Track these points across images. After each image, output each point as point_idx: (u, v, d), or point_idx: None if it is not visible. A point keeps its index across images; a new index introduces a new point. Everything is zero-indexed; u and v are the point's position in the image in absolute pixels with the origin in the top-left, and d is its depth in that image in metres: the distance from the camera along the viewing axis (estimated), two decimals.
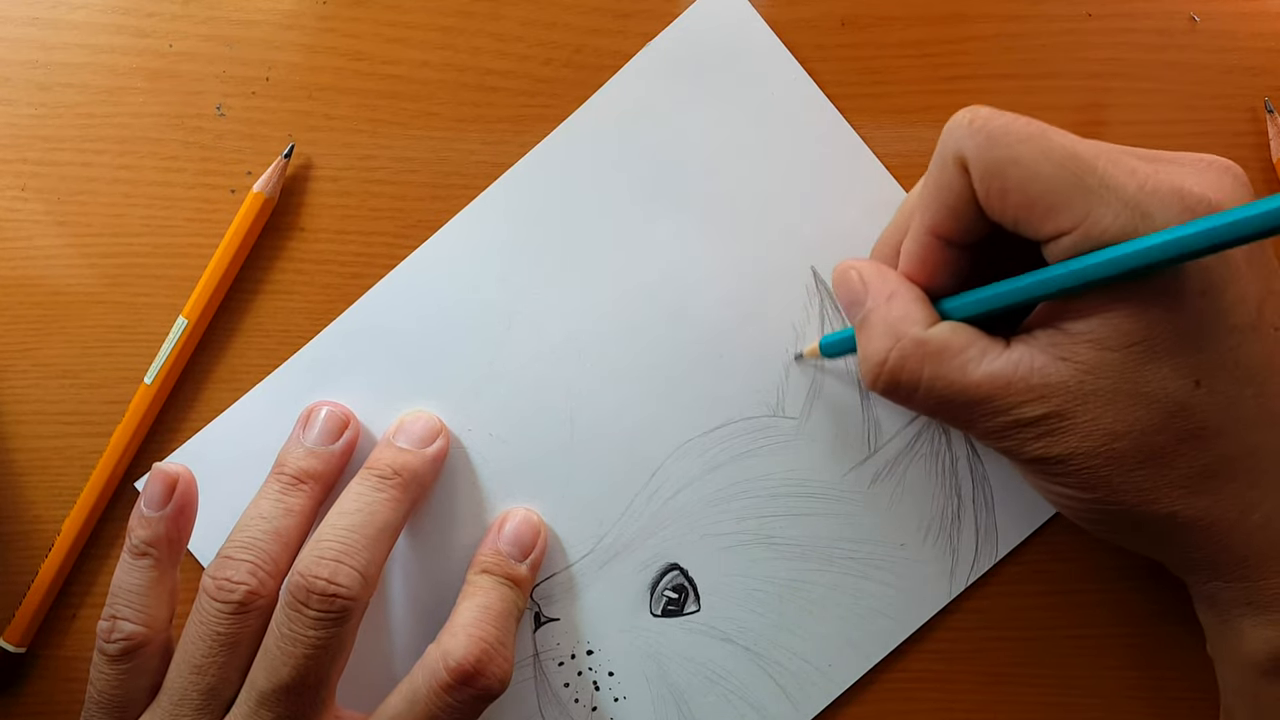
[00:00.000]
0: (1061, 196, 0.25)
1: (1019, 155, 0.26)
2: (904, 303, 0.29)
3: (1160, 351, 0.26)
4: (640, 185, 0.35)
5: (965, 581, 0.35)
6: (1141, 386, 0.26)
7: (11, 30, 0.36)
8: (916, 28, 0.35)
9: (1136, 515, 0.28)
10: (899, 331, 0.28)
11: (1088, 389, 0.26)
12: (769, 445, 0.35)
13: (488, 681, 0.30)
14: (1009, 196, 0.26)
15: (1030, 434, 0.27)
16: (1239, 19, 0.35)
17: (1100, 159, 0.25)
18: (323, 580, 0.29)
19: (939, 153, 0.28)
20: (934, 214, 0.28)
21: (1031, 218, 0.26)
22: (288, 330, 0.36)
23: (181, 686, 0.30)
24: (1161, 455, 0.27)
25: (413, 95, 0.36)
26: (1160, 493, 0.27)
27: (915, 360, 0.28)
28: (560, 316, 0.35)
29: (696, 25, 0.35)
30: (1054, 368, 0.26)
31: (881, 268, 0.30)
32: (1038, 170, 0.25)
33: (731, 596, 0.35)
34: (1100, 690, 0.35)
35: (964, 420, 0.28)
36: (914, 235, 0.29)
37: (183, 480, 0.32)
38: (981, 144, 0.26)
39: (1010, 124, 0.26)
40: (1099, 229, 0.25)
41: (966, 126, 0.26)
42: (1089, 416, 0.26)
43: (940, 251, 0.29)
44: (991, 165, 0.26)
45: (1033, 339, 0.27)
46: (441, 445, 0.34)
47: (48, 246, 0.36)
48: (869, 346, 0.29)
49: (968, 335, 0.28)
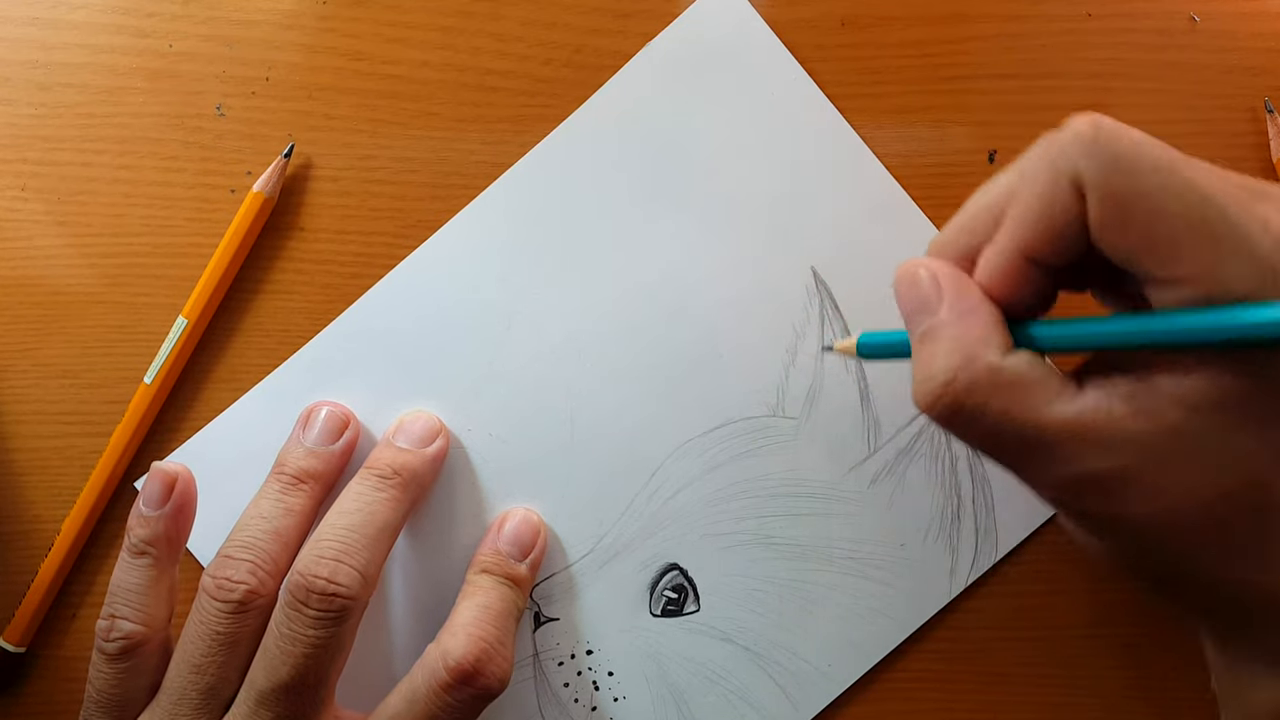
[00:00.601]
0: (1188, 241, 0.22)
1: (1148, 188, 0.23)
2: (983, 322, 0.25)
3: (1252, 423, 0.23)
4: (640, 185, 0.35)
5: (965, 581, 0.35)
6: (1225, 457, 0.24)
7: (11, 30, 0.36)
8: (916, 28, 0.35)
9: (1184, 580, 0.26)
10: (972, 353, 0.25)
11: (1164, 449, 0.24)
12: (769, 445, 0.35)
13: (487, 681, 0.30)
14: (1130, 232, 0.23)
15: (1091, 489, 0.25)
16: (1239, 19, 0.35)
17: (1233, 203, 0.23)
18: (322, 580, 0.29)
19: (1046, 165, 0.24)
20: (1034, 234, 0.25)
21: (1149, 258, 0.23)
22: (288, 330, 0.36)
23: (180, 685, 0.30)
24: (1226, 524, 0.24)
25: (413, 95, 0.36)
26: (1214, 559, 0.25)
27: (985, 389, 0.24)
28: (560, 316, 0.35)
29: (696, 25, 0.35)
30: (1132, 422, 0.24)
31: (961, 276, 0.26)
32: (1166, 208, 0.23)
33: (731, 596, 0.35)
34: (1100, 690, 0.35)
35: (1021, 464, 0.26)
36: (1002, 251, 0.25)
37: (181, 479, 0.32)
38: (1106, 167, 0.23)
39: (1140, 148, 0.23)
40: (1223, 285, 0.22)
41: (1090, 143, 0.23)
42: (1159, 479, 0.24)
43: (1028, 272, 0.25)
44: (1116, 195, 0.23)
45: (1111, 385, 0.24)
46: (441, 445, 0.34)
47: (48, 246, 0.36)
48: (934, 363, 0.25)
49: (1044, 372, 0.25)
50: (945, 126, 0.35)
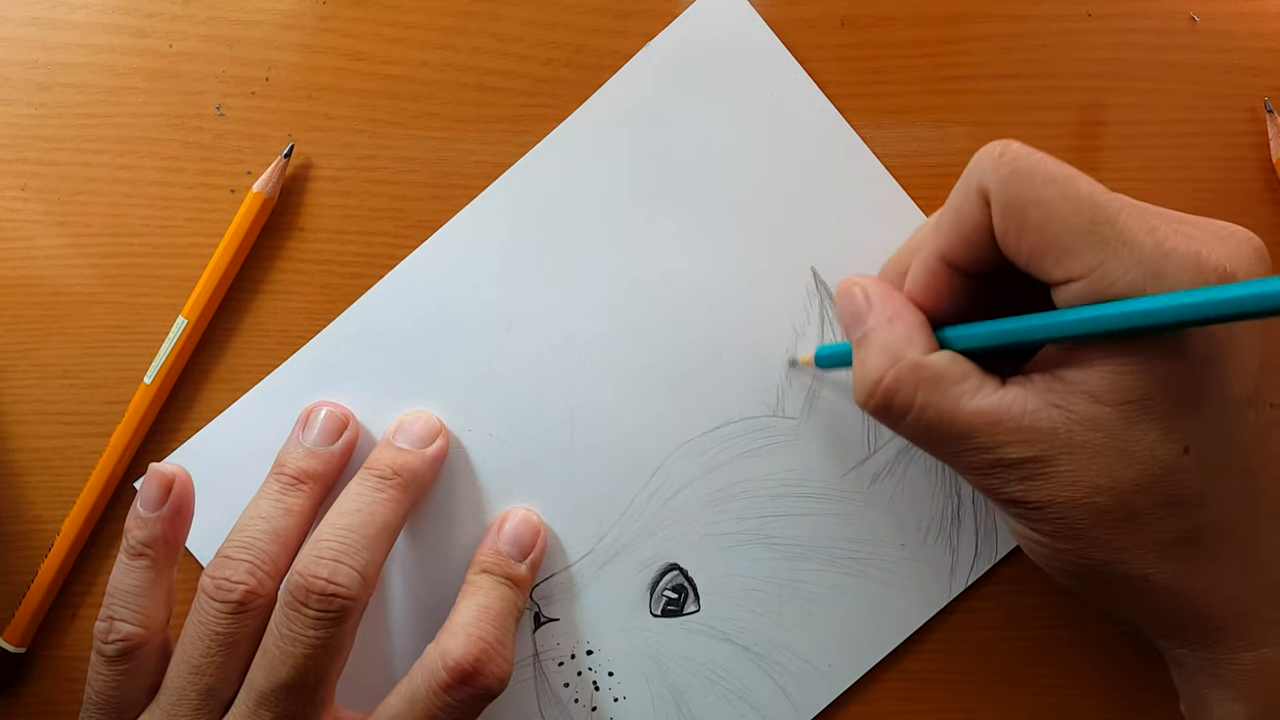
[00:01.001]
0: (1077, 243, 0.25)
1: (1042, 196, 0.26)
2: (906, 325, 0.29)
3: (1153, 413, 0.26)
4: (640, 185, 0.35)
5: (965, 581, 0.35)
6: (1130, 445, 0.26)
7: (11, 30, 0.36)
8: (916, 28, 0.35)
9: (1108, 572, 0.28)
10: (898, 353, 0.28)
11: (1076, 439, 0.26)
12: (769, 445, 0.35)
13: (487, 681, 0.30)
14: (1026, 235, 0.26)
15: (1012, 475, 0.27)
16: (1239, 19, 0.35)
17: (1122, 212, 0.25)
18: (322, 580, 0.29)
19: (963, 181, 0.27)
20: (949, 241, 0.28)
21: (1044, 260, 0.26)
22: (288, 330, 0.36)
23: (180, 686, 0.30)
24: (1140, 516, 0.27)
25: (413, 95, 0.36)
26: (1134, 553, 0.27)
27: (910, 384, 0.28)
28: (560, 316, 0.35)
29: (696, 25, 0.35)
30: (1045, 413, 0.26)
31: (887, 287, 0.30)
32: (1058, 213, 0.25)
33: (731, 596, 0.35)
34: (1100, 690, 0.35)
35: (948, 452, 0.28)
36: (924, 259, 0.29)
37: (179, 481, 0.32)
38: (1006, 178, 0.26)
39: (1039, 164, 0.26)
40: (1108, 281, 0.25)
41: (995, 159, 0.26)
42: (1073, 467, 0.26)
43: (949, 278, 0.28)
44: (1014, 201, 0.26)
45: (1029, 382, 0.27)
46: (441, 445, 0.34)
47: (48, 246, 0.36)
48: (866, 364, 0.29)
49: (965, 367, 0.28)
50: (945, 126, 0.35)
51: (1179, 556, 0.27)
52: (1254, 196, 0.35)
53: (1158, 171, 0.35)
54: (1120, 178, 0.35)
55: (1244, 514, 0.27)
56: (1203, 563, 0.27)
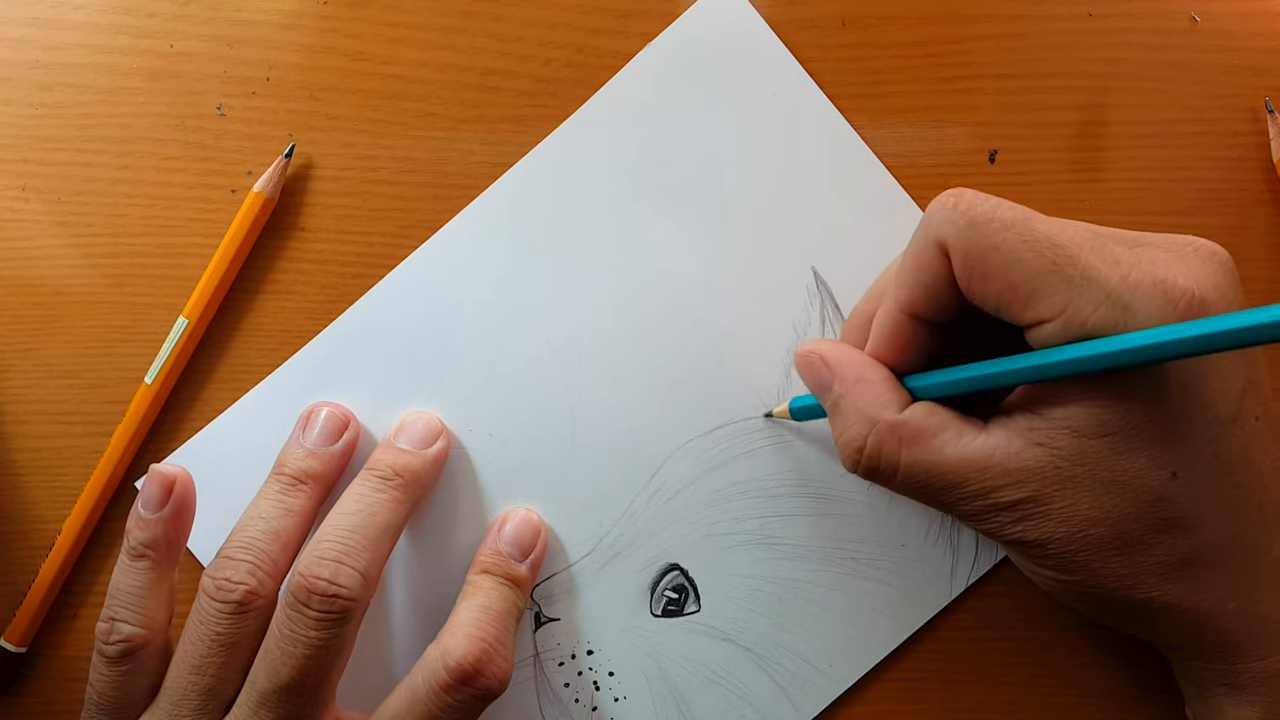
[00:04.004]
0: (1043, 285, 0.25)
1: (1000, 243, 0.25)
2: (874, 386, 0.28)
3: (1137, 442, 0.26)
4: (641, 185, 0.35)
5: (965, 581, 0.35)
6: (1118, 475, 0.26)
7: (12, 30, 0.36)
8: (916, 28, 0.35)
9: (1115, 599, 0.28)
10: (873, 416, 0.28)
11: (1064, 475, 0.26)
12: (769, 445, 0.35)
13: (487, 681, 0.30)
14: (990, 283, 0.26)
15: (1008, 518, 0.27)
16: (1239, 19, 0.35)
17: (1083, 248, 0.25)
18: (324, 581, 0.29)
19: (919, 233, 0.27)
20: (910, 293, 0.28)
21: (1013, 304, 0.26)
22: (288, 330, 0.36)
23: (181, 687, 0.30)
24: (1138, 543, 0.27)
25: (413, 95, 0.36)
26: (1138, 579, 0.27)
27: (892, 444, 0.28)
28: (561, 317, 0.35)
29: (697, 25, 0.35)
30: (1030, 453, 0.26)
31: (844, 349, 0.30)
32: (1019, 258, 0.25)
33: (732, 597, 0.35)
34: (1101, 690, 0.35)
35: (943, 502, 0.28)
36: (887, 312, 0.29)
37: (180, 482, 0.32)
38: (963, 229, 0.26)
39: (993, 211, 0.26)
40: (1079, 320, 0.25)
41: (950, 210, 0.26)
42: (1066, 502, 0.26)
43: (912, 330, 0.28)
44: (973, 252, 0.26)
45: (1011, 422, 0.27)
46: (442, 446, 0.34)
47: (48, 247, 0.36)
48: (845, 433, 0.29)
49: (943, 417, 0.28)
50: (945, 126, 0.35)
51: (1182, 577, 0.27)
52: (1254, 196, 0.35)
53: (1158, 171, 0.35)
54: (1120, 178, 0.35)
55: (1243, 528, 0.27)
56: (1207, 580, 0.27)
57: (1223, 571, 0.27)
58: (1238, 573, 0.27)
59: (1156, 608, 0.28)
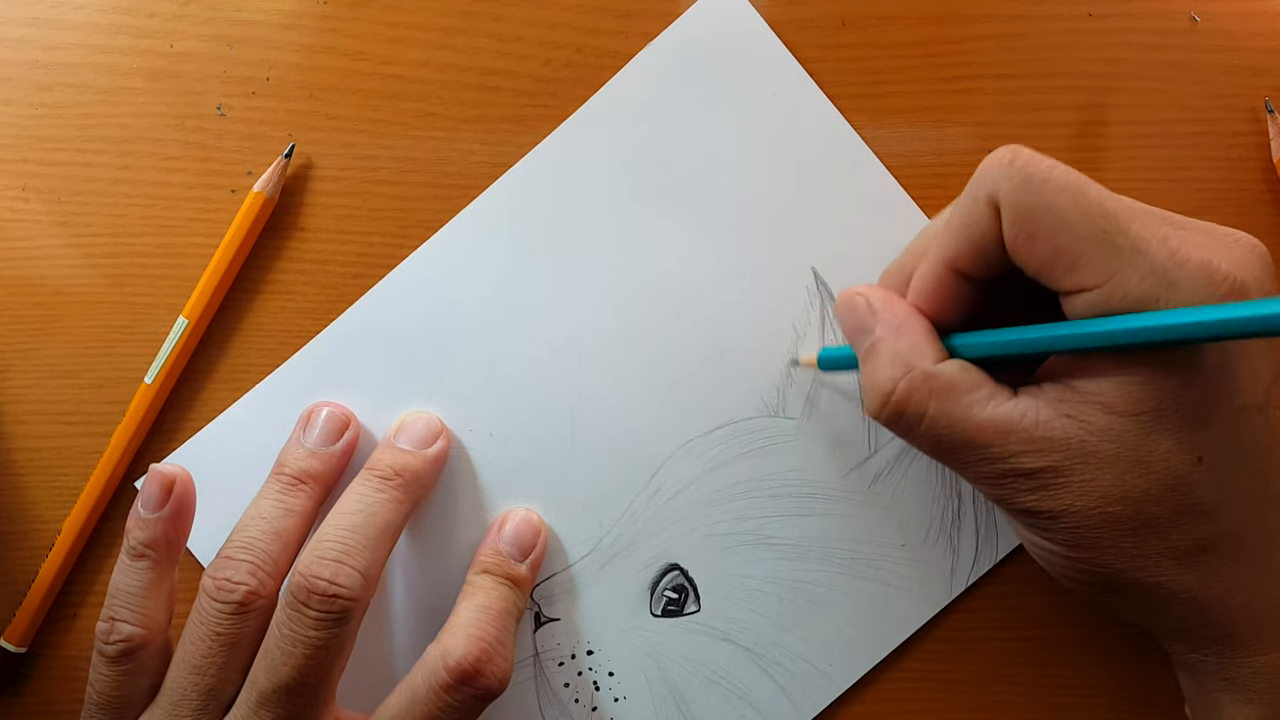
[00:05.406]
0: (1090, 251, 0.25)
1: (1053, 204, 0.25)
2: (913, 334, 0.28)
3: (1167, 423, 0.26)
4: (641, 185, 0.35)
5: (965, 581, 0.35)
6: (1144, 455, 0.26)
7: (12, 30, 0.36)
8: (916, 28, 0.35)
9: (1121, 580, 0.28)
10: (908, 363, 0.28)
11: (1089, 449, 0.26)
12: (769, 445, 0.35)
13: (487, 681, 0.30)
14: (1037, 244, 0.26)
15: (1025, 485, 0.27)
16: (1239, 19, 0.35)
17: (1135, 221, 0.25)
18: (324, 581, 0.29)
19: (971, 187, 0.27)
20: (956, 247, 0.27)
21: (1056, 269, 0.26)
22: (288, 330, 0.36)
23: (181, 687, 0.30)
24: (1155, 525, 0.27)
25: (413, 95, 0.36)
26: (1149, 561, 0.27)
27: (923, 394, 0.27)
28: (561, 316, 0.35)
29: (697, 25, 0.35)
30: (1059, 423, 0.26)
31: (890, 296, 0.29)
32: (1069, 221, 0.25)
33: (732, 597, 0.35)
34: (1101, 690, 0.35)
35: (961, 462, 0.28)
36: (930, 265, 0.28)
37: (180, 481, 0.32)
38: (1018, 186, 0.26)
39: (1050, 171, 0.25)
40: (1122, 291, 0.25)
41: (1006, 166, 0.26)
42: (1087, 476, 0.26)
43: (954, 285, 0.28)
44: (1024, 210, 0.25)
45: (1040, 391, 0.27)
46: (442, 446, 0.34)
47: (48, 247, 0.36)
48: (876, 375, 0.28)
49: (976, 376, 0.27)
50: (945, 126, 0.35)
51: (1194, 564, 0.27)
52: (1254, 197, 0.35)
53: (1158, 171, 0.35)
54: (1120, 178, 0.35)
55: (1259, 520, 0.27)
56: (1218, 570, 0.27)
57: (1235, 561, 0.27)
58: (1249, 564, 0.27)
59: (1163, 593, 0.27)
